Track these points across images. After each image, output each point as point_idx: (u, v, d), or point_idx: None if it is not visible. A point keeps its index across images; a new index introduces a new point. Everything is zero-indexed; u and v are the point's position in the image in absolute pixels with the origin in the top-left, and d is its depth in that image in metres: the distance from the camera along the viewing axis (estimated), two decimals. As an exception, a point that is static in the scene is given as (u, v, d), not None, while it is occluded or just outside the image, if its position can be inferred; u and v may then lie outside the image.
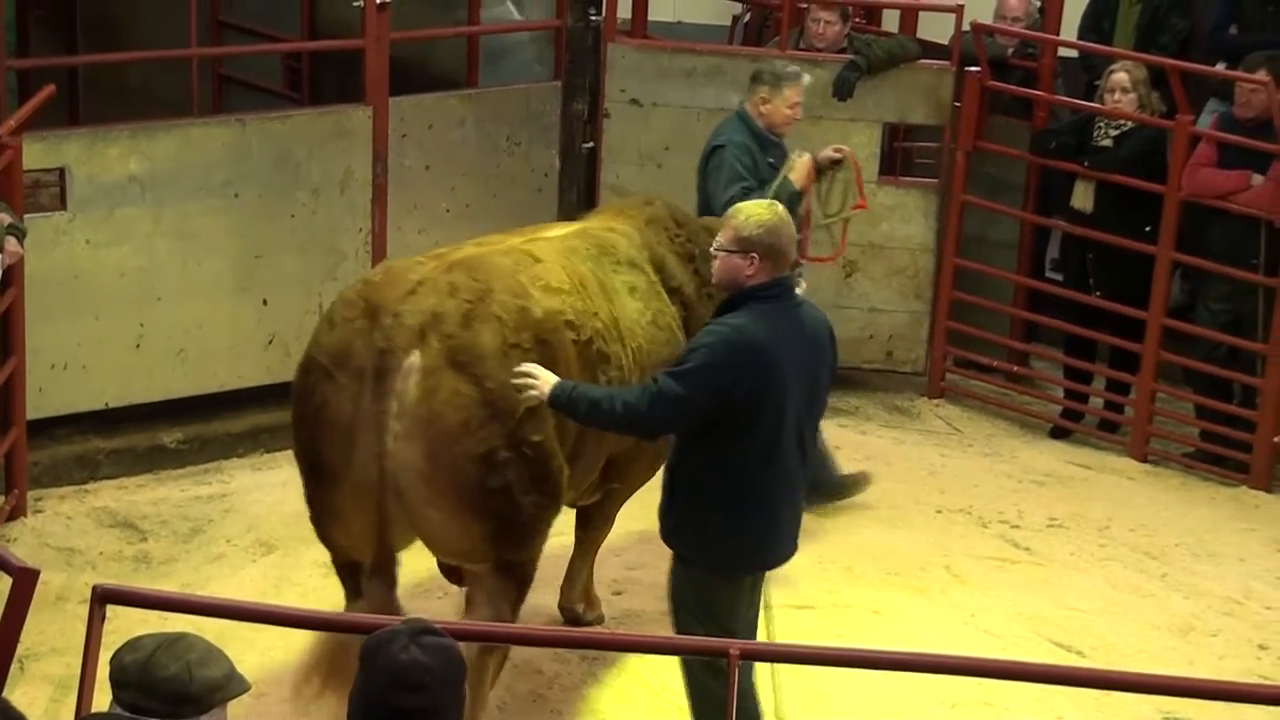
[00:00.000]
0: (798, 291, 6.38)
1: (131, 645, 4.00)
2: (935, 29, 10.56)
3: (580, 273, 6.91)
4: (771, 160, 8.28)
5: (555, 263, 6.84)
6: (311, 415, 6.54)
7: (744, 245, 5.99)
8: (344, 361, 6.38)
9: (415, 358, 6.28)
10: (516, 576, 6.64)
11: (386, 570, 6.46)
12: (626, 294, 7.10)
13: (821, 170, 8.47)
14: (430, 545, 6.65)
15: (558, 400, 6.10)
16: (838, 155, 8.53)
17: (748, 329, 6.02)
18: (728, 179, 8.14)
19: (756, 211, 6.09)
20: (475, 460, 6.25)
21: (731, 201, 7.28)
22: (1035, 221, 10.11)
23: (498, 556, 6.52)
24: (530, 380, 6.12)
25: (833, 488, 8.58)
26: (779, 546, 6.36)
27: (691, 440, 6.15)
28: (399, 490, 6.28)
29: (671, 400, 5.97)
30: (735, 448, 6.06)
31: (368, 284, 6.64)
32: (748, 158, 8.16)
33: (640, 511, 7.34)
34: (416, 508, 6.35)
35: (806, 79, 8.59)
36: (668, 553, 6.37)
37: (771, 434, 6.07)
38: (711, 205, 8.00)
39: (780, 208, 6.23)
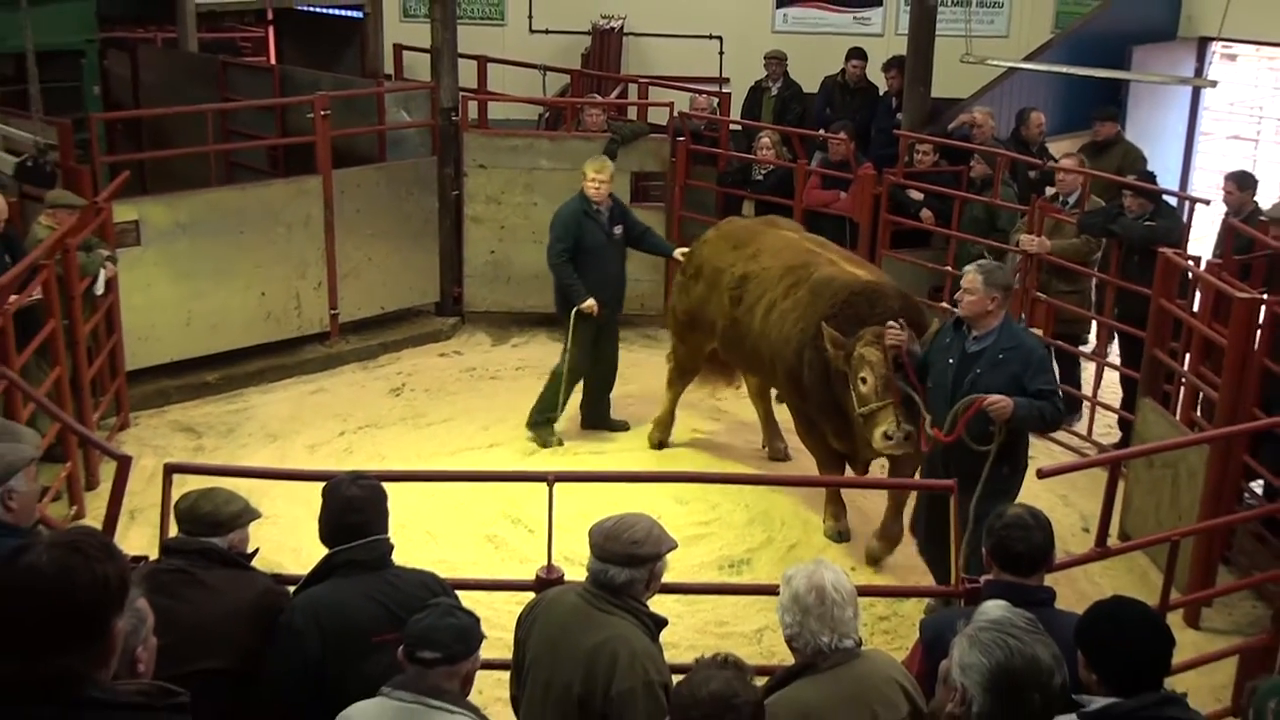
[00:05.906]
0: None
1: (184, 496, 4.01)
2: (658, 116, 10.65)
3: (782, 274, 6.99)
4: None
5: (781, 260, 7.08)
6: None
7: None
8: None
9: None
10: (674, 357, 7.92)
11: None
12: (785, 301, 6.87)
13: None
14: None
15: None
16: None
17: None
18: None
19: None
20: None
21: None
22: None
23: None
24: None
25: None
26: None
27: None
28: None
29: None
30: None
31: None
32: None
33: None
34: None
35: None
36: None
37: None
38: None
39: None
